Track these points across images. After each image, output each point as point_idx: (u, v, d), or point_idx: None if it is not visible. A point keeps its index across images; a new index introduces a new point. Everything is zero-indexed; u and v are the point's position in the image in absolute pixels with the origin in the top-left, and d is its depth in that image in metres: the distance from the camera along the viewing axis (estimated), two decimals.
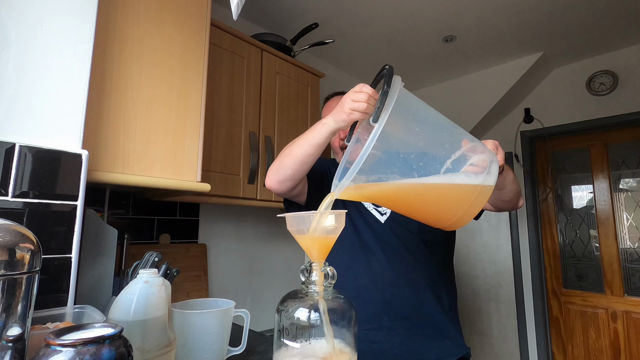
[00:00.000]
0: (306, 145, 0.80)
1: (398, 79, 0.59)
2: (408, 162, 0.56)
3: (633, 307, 2.26)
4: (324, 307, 0.53)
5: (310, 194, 0.96)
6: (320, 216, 0.56)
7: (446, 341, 0.90)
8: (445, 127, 0.62)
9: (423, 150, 0.58)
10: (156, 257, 0.82)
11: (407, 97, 0.59)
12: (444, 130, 0.62)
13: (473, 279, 2.83)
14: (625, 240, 2.34)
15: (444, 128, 0.62)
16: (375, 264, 0.91)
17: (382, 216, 0.95)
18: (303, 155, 0.81)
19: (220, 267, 1.75)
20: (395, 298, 0.89)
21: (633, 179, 2.36)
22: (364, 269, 0.90)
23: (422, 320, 0.90)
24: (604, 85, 2.41)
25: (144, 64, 1.00)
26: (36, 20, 0.73)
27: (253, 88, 1.57)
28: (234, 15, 0.82)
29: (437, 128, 0.62)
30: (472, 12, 1.96)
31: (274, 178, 0.88)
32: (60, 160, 0.72)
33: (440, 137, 0.61)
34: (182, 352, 0.68)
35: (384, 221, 0.94)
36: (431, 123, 0.61)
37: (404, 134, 0.58)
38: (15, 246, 0.41)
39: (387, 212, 0.96)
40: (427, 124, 0.61)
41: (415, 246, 0.94)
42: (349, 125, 0.74)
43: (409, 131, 0.58)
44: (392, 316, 0.89)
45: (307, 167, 0.84)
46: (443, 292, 0.95)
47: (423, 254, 0.94)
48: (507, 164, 0.77)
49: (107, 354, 0.38)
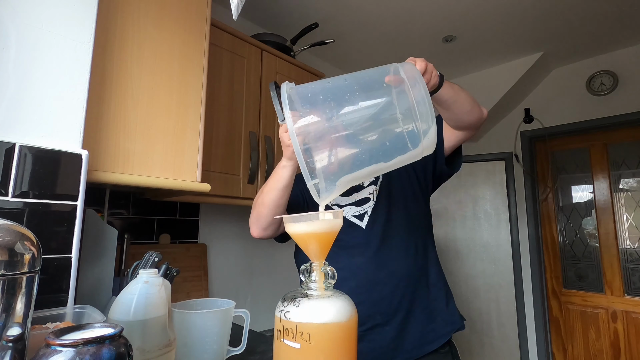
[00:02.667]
0: (274, 191, 0.85)
1: (285, 83, 0.61)
2: (355, 129, 0.57)
3: (633, 307, 2.26)
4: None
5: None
6: (318, 217, 0.56)
7: (438, 321, 0.93)
8: (346, 79, 0.61)
9: (351, 113, 0.57)
10: (156, 257, 0.82)
11: (294, 87, 0.60)
12: (346, 80, 0.61)
13: (473, 279, 2.84)
14: (625, 240, 2.34)
15: (345, 79, 0.61)
16: (359, 268, 0.92)
17: (361, 222, 0.96)
18: (274, 200, 0.86)
19: (220, 267, 1.75)
20: (384, 296, 0.90)
21: (633, 179, 2.36)
22: (349, 274, 0.91)
23: (413, 308, 0.92)
24: (604, 85, 2.41)
25: (144, 64, 1.00)
26: (36, 21, 0.73)
27: (253, 88, 1.57)
28: (234, 15, 0.82)
29: (339, 82, 0.61)
30: (472, 12, 1.96)
31: (257, 228, 0.93)
32: (60, 160, 0.72)
33: (350, 87, 0.60)
34: (182, 352, 0.68)
35: (365, 226, 0.96)
36: (329, 86, 0.61)
37: (319, 109, 0.58)
38: (15, 246, 0.41)
39: (365, 218, 0.96)
40: (326, 89, 0.60)
41: (395, 239, 0.95)
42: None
43: (319, 104, 0.58)
44: (384, 313, 0.90)
45: (282, 208, 0.89)
46: (428, 270, 0.97)
47: (404, 243, 0.95)
48: (506, 163, 0.77)
49: (107, 354, 0.38)
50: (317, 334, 0.51)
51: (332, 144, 0.57)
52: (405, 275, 0.92)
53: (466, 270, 2.87)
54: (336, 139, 0.56)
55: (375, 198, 0.97)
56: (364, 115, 0.57)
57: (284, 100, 0.57)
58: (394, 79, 0.59)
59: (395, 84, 0.58)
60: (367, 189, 0.99)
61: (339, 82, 0.61)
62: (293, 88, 0.60)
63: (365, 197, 0.98)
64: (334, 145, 0.57)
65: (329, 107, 0.57)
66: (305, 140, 0.56)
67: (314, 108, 0.58)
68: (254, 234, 0.94)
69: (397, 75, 0.59)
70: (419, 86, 0.57)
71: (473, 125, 0.92)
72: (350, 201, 0.98)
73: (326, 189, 0.58)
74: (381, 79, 0.59)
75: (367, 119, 0.57)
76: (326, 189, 0.58)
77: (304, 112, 0.57)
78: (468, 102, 0.86)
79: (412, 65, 0.63)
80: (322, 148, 0.57)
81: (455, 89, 0.83)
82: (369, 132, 0.58)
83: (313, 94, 0.59)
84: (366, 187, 0.99)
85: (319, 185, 0.58)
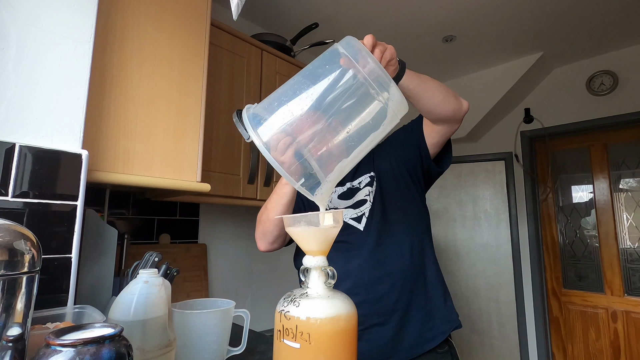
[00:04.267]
0: (278, 207, 0.88)
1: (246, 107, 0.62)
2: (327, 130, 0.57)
3: (633, 307, 2.26)
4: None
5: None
6: (318, 217, 0.56)
7: (437, 320, 0.93)
8: (299, 77, 0.61)
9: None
10: (156, 257, 0.82)
11: (252, 106, 0.61)
12: (300, 78, 0.61)
13: (473, 279, 2.84)
14: (625, 240, 2.34)
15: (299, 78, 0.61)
16: (356, 268, 0.92)
17: (359, 224, 0.96)
18: (279, 215, 0.88)
19: (220, 267, 1.75)
20: (381, 296, 0.90)
21: (633, 179, 2.36)
22: (346, 274, 0.91)
23: (411, 307, 0.92)
24: (604, 85, 2.41)
25: (144, 64, 1.00)
26: (36, 20, 0.73)
27: (253, 88, 1.57)
28: (234, 15, 0.82)
29: (290, 82, 0.61)
30: (472, 12, 1.96)
31: (265, 243, 0.96)
32: (60, 160, 0.72)
33: (300, 84, 0.59)
34: (182, 352, 0.68)
35: (362, 228, 0.96)
36: (280, 91, 0.61)
37: (279, 114, 0.58)
38: (16, 246, 0.41)
39: (363, 220, 0.96)
40: (278, 93, 0.61)
41: (392, 239, 0.95)
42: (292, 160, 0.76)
43: (276, 109, 0.58)
44: (382, 312, 0.90)
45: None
46: (426, 269, 0.97)
47: (401, 242, 0.95)
48: (506, 163, 0.77)
49: (107, 354, 0.38)
50: (317, 334, 0.51)
51: (308, 138, 0.56)
52: (403, 274, 0.92)
53: (466, 270, 2.87)
54: (309, 132, 0.56)
55: (372, 199, 0.97)
56: (322, 102, 0.57)
57: (245, 122, 0.58)
58: (344, 61, 0.58)
59: (344, 64, 0.58)
60: (363, 190, 0.99)
61: (289, 82, 0.62)
62: (250, 107, 0.61)
63: (362, 199, 0.98)
64: (311, 138, 0.57)
65: (286, 108, 0.58)
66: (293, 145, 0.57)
67: (274, 114, 0.58)
68: (262, 248, 0.97)
69: (345, 57, 0.58)
70: (362, 54, 0.57)
71: (450, 118, 0.88)
72: (348, 204, 0.98)
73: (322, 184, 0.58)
74: (325, 64, 0.59)
75: (327, 105, 0.57)
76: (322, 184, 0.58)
77: (268, 124, 0.57)
78: (439, 92, 0.83)
79: (350, 39, 0.61)
80: (304, 144, 0.57)
81: (422, 79, 0.80)
82: (336, 117, 0.57)
83: (269, 104, 0.60)
84: (362, 188, 0.99)
85: (322, 186, 0.58)
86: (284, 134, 0.56)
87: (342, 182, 1.01)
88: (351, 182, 1.00)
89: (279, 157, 0.56)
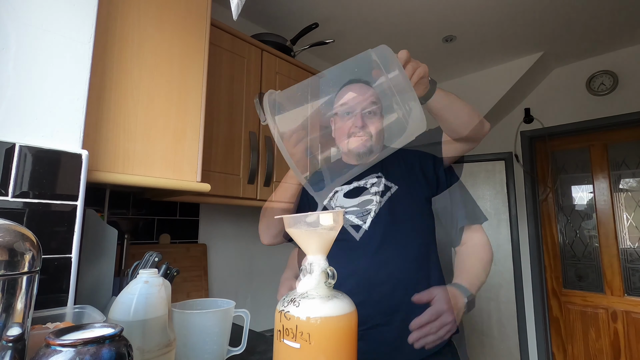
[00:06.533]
0: (283, 200, 0.90)
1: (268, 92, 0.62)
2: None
3: (633, 307, 2.26)
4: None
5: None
6: (318, 217, 0.56)
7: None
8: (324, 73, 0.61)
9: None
10: (156, 257, 0.82)
11: (274, 92, 0.62)
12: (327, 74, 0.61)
13: None
14: (625, 240, 2.34)
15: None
16: (359, 268, 0.92)
17: (364, 224, 0.96)
18: (284, 209, 0.90)
19: (220, 267, 1.75)
20: (383, 296, 0.90)
21: (633, 179, 2.36)
22: (349, 274, 0.91)
23: (413, 308, 0.91)
24: (604, 85, 2.41)
25: (144, 64, 1.00)
26: (36, 21, 0.73)
27: (253, 88, 1.57)
28: (234, 15, 0.82)
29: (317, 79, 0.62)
30: (472, 12, 1.96)
31: (268, 236, 0.97)
32: (60, 160, 0.72)
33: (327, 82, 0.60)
34: (182, 352, 0.68)
35: (367, 227, 0.96)
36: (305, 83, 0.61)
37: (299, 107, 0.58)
38: (16, 246, 0.41)
39: (368, 220, 0.96)
40: (304, 85, 0.61)
41: (397, 240, 0.95)
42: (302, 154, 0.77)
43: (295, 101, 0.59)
44: (384, 313, 0.90)
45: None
46: (429, 271, 0.97)
47: (406, 244, 0.95)
48: (506, 163, 0.77)
49: (107, 354, 0.38)
50: (317, 334, 0.51)
51: (322, 136, 0.57)
52: (406, 275, 0.92)
53: None
54: (324, 131, 0.57)
55: (379, 200, 0.97)
56: (343, 104, 0.57)
57: (265, 107, 0.58)
58: (374, 69, 0.58)
59: (374, 72, 0.58)
60: (370, 190, 0.99)
61: (315, 77, 0.62)
62: (273, 93, 0.61)
63: (368, 198, 0.98)
64: (324, 137, 0.57)
65: (307, 104, 0.58)
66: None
67: (295, 106, 0.58)
68: (265, 241, 0.97)
69: (375, 64, 0.58)
70: (393, 65, 0.57)
71: (470, 138, 0.90)
72: (354, 203, 0.98)
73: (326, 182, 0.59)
74: (354, 67, 0.59)
75: (347, 108, 0.57)
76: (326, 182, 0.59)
77: (287, 114, 0.58)
78: (465, 112, 0.85)
79: (384, 47, 0.61)
80: (317, 141, 0.57)
81: (451, 99, 0.81)
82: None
83: (292, 95, 0.60)
84: (369, 188, 0.99)
85: (325, 184, 0.59)
86: (299, 127, 0.57)
87: (349, 181, 1.01)
88: (358, 182, 1.00)
89: (290, 148, 0.57)
